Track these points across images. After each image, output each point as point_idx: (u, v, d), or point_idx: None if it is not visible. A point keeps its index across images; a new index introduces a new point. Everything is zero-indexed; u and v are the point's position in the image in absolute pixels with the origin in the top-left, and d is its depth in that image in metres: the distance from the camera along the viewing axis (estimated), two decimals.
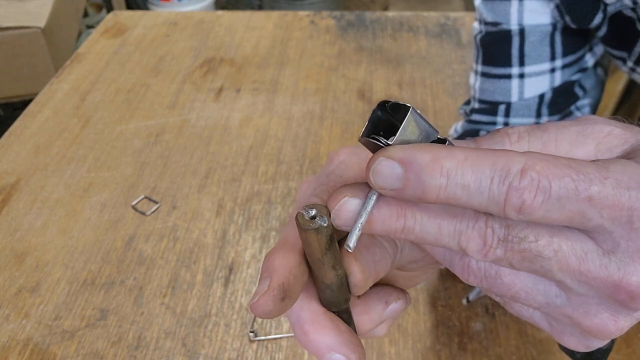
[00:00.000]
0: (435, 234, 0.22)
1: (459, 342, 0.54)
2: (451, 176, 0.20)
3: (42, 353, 0.54)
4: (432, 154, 0.21)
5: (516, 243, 0.21)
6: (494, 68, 0.52)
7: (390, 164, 0.21)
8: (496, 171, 0.20)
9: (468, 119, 0.56)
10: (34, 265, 0.63)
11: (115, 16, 1.14)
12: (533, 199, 0.20)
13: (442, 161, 0.20)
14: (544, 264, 0.21)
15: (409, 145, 0.22)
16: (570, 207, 0.20)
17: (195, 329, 0.56)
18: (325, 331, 0.25)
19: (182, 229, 0.67)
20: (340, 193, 0.23)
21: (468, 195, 0.20)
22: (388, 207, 0.23)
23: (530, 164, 0.20)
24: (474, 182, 0.20)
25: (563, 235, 0.21)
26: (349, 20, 1.10)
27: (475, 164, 0.20)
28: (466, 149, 0.21)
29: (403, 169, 0.21)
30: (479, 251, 0.22)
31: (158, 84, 0.93)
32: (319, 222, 0.23)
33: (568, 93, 0.51)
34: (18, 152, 0.79)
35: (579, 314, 0.22)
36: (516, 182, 0.20)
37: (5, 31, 1.33)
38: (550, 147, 0.23)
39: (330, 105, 0.87)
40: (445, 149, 0.21)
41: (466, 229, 0.22)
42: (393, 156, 0.21)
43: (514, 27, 0.49)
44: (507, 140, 0.24)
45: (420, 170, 0.21)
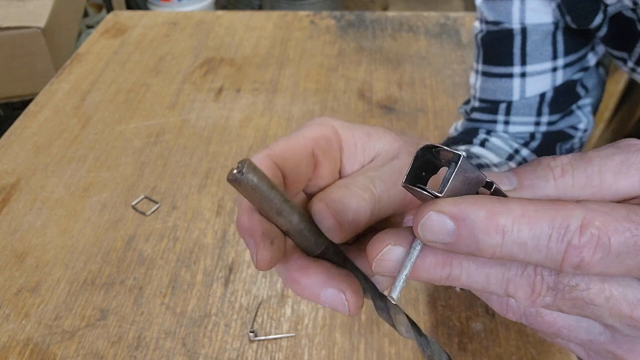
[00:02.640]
0: (482, 282, 0.22)
1: (459, 342, 0.54)
2: (507, 234, 0.20)
3: (42, 353, 0.54)
4: (487, 209, 0.20)
5: (567, 292, 0.20)
6: (495, 67, 0.52)
7: (441, 219, 0.20)
8: (555, 228, 0.19)
9: (468, 118, 0.56)
10: (34, 265, 0.63)
11: (115, 16, 1.14)
12: (592, 257, 0.19)
13: (498, 218, 0.20)
14: (595, 310, 0.21)
15: (461, 199, 0.21)
16: (629, 262, 0.19)
17: (195, 329, 0.56)
18: (311, 271, 0.25)
19: (182, 229, 0.67)
20: (383, 241, 0.22)
21: (525, 253, 0.20)
22: (434, 257, 0.22)
23: (589, 219, 0.19)
24: (531, 240, 0.19)
25: (614, 282, 0.20)
26: (349, 20, 1.10)
27: (532, 221, 0.19)
28: (522, 202, 0.20)
29: (455, 225, 0.20)
30: (527, 298, 0.21)
31: (158, 84, 0.93)
32: (236, 174, 0.22)
33: (570, 92, 0.51)
34: (18, 152, 0.79)
35: (623, 351, 0.22)
36: (576, 240, 0.19)
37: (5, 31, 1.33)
38: (595, 180, 0.22)
39: (330, 105, 0.87)
40: (500, 204, 0.20)
41: (514, 277, 0.21)
42: (444, 211, 0.20)
43: (515, 26, 0.49)
44: (550, 175, 0.23)
45: (474, 228, 0.20)
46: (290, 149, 0.27)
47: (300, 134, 0.29)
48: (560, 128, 0.52)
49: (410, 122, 0.83)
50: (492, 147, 0.51)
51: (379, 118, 0.84)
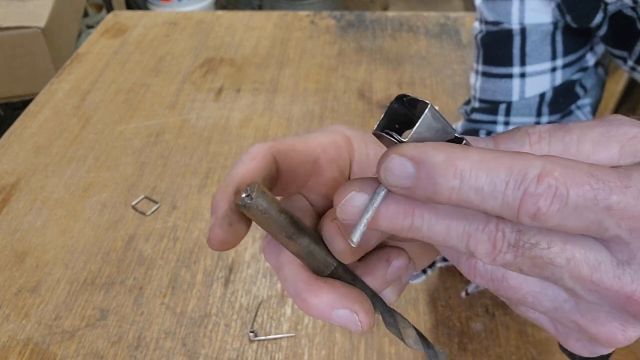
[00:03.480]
0: (443, 234, 0.22)
1: (459, 342, 0.54)
2: (465, 178, 0.20)
3: (42, 353, 0.54)
4: (446, 153, 0.20)
5: (527, 249, 0.20)
6: (495, 67, 0.52)
7: (402, 162, 0.21)
8: (512, 175, 0.19)
9: (468, 118, 0.56)
10: (34, 265, 0.63)
11: (115, 16, 1.14)
12: (549, 207, 0.19)
13: (457, 162, 0.20)
14: (555, 271, 0.21)
15: (423, 144, 0.21)
16: (587, 216, 0.19)
17: (195, 329, 0.56)
18: (321, 292, 0.25)
19: (182, 229, 0.67)
20: (348, 187, 0.23)
21: (481, 199, 0.20)
22: (396, 204, 0.22)
23: (548, 169, 0.19)
24: (488, 186, 0.19)
25: (577, 243, 0.20)
26: (349, 20, 1.10)
27: (490, 167, 0.20)
28: (483, 150, 0.20)
29: (415, 168, 0.20)
30: (487, 255, 0.21)
31: (158, 84, 0.93)
32: (245, 199, 0.22)
33: (569, 92, 0.51)
34: (18, 152, 0.79)
35: (587, 321, 0.22)
36: (532, 188, 0.19)
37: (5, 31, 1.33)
38: (572, 149, 0.22)
39: (330, 105, 0.87)
40: (461, 149, 0.20)
41: (475, 232, 0.21)
42: (406, 154, 0.21)
43: (515, 27, 0.49)
44: (527, 140, 0.23)
45: (433, 170, 0.20)
46: (294, 148, 0.27)
47: (311, 137, 0.28)
48: None
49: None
50: None
51: (378, 118, 0.84)
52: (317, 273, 0.26)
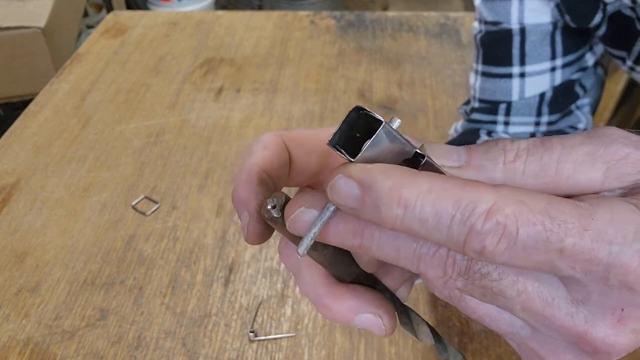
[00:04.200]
0: (393, 255, 0.21)
1: (459, 342, 0.54)
2: (409, 208, 0.19)
3: (42, 353, 0.54)
4: (393, 180, 0.19)
5: (477, 279, 0.20)
6: (494, 67, 0.52)
7: (348, 183, 0.20)
8: (459, 209, 0.18)
9: (468, 118, 0.56)
10: (34, 265, 0.63)
11: (115, 16, 1.14)
12: (495, 245, 0.18)
13: (402, 190, 0.19)
14: (506, 302, 0.20)
15: (372, 166, 0.20)
16: (537, 257, 0.18)
17: (195, 329, 0.56)
18: (344, 298, 0.25)
19: (182, 229, 0.67)
20: (297, 202, 0.22)
21: (426, 231, 0.19)
22: (344, 223, 0.21)
23: (499, 205, 0.18)
24: (432, 218, 0.19)
25: (530, 276, 0.19)
26: (349, 20, 1.10)
27: (437, 198, 0.19)
28: (433, 178, 0.19)
29: (361, 191, 0.20)
30: (438, 279, 0.21)
31: (158, 84, 0.93)
32: (272, 213, 0.23)
33: (568, 92, 0.51)
34: (18, 152, 0.79)
35: (544, 351, 0.21)
36: (479, 225, 0.18)
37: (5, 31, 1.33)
38: (550, 170, 0.21)
39: (330, 105, 0.87)
40: (410, 176, 0.19)
41: (426, 256, 0.20)
42: (352, 175, 0.20)
43: (514, 27, 0.49)
44: (501, 158, 0.21)
45: (377, 197, 0.19)
46: (305, 136, 0.27)
47: (322, 129, 0.28)
48: (560, 128, 0.52)
49: (410, 122, 0.83)
50: None
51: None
52: (339, 280, 0.26)
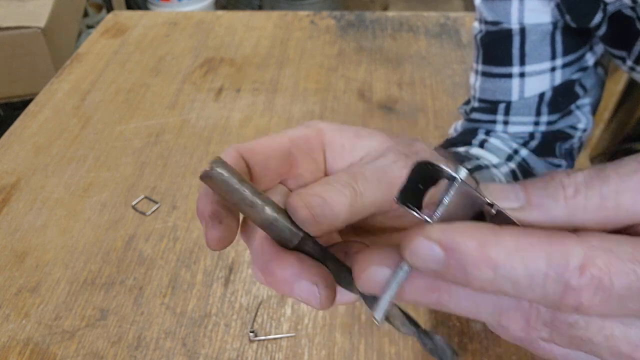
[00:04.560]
0: (472, 310, 0.21)
1: (459, 342, 0.54)
2: (499, 269, 0.18)
3: (42, 353, 0.54)
4: (477, 240, 0.19)
5: (564, 329, 0.19)
6: (494, 67, 0.52)
7: (429, 247, 0.19)
8: (551, 266, 0.18)
9: (468, 118, 0.56)
10: (34, 265, 0.63)
11: (115, 16, 1.14)
12: (592, 299, 0.18)
13: (490, 250, 0.18)
14: (593, 347, 0.19)
15: (452, 227, 0.19)
16: (631, 305, 0.18)
17: (195, 329, 0.56)
18: (286, 263, 0.25)
19: (182, 229, 0.67)
20: (369, 260, 0.21)
21: (518, 290, 0.18)
22: (422, 281, 0.21)
23: (590, 258, 0.18)
24: (524, 278, 0.18)
25: (616, 320, 0.19)
26: (348, 21, 1.10)
27: (527, 256, 0.18)
28: (517, 234, 0.19)
29: (444, 254, 0.19)
30: (521, 330, 0.20)
31: (158, 84, 0.93)
32: (208, 171, 0.23)
33: (568, 92, 0.51)
34: (18, 152, 0.79)
35: None
36: (574, 281, 0.18)
37: (5, 31, 1.33)
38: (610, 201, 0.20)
39: (330, 105, 0.87)
40: (493, 234, 0.19)
41: (508, 309, 0.20)
42: (434, 238, 0.19)
43: (514, 27, 0.49)
44: (561, 194, 0.21)
45: (463, 259, 0.19)
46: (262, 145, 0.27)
47: (280, 133, 0.29)
48: (560, 128, 0.52)
49: (410, 122, 0.83)
50: (491, 147, 0.51)
51: (379, 118, 0.84)
52: (285, 245, 0.26)
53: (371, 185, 0.27)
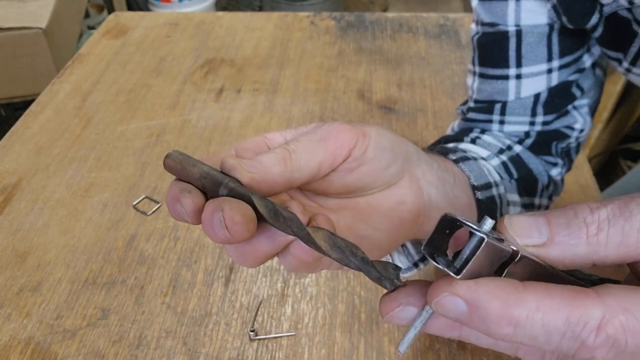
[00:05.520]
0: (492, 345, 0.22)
1: (459, 342, 0.55)
2: (519, 326, 0.20)
3: (43, 352, 0.55)
4: (501, 301, 0.20)
5: None
6: (491, 69, 0.52)
7: (454, 301, 0.21)
8: (569, 327, 0.19)
9: (464, 117, 0.56)
10: (35, 265, 0.63)
11: (117, 17, 1.14)
12: (605, 356, 0.19)
13: (512, 311, 0.20)
14: None
15: (477, 284, 0.21)
16: None
17: (196, 328, 0.57)
18: (208, 205, 0.26)
19: (182, 229, 0.67)
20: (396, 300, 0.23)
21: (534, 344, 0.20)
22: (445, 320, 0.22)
23: (607, 319, 0.19)
24: (542, 335, 0.19)
25: None
26: (348, 21, 1.11)
27: (547, 317, 0.19)
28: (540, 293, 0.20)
29: (468, 309, 0.20)
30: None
31: (159, 84, 0.94)
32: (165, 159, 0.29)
33: (565, 93, 0.51)
34: (19, 152, 0.79)
35: None
36: (590, 341, 0.19)
37: (6, 32, 1.33)
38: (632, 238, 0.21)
39: (330, 106, 0.87)
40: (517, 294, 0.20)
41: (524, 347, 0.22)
42: (459, 294, 0.21)
43: (511, 28, 0.49)
44: (584, 232, 0.22)
45: (487, 317, 0.20)
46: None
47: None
48: (556, 128, 0.52)
49: (410, 123, 0.83)
50: (483, 143, 0.51)
51: (378, 118, 0.85)
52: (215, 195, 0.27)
53: (303, 143, 0.29)
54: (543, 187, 0.51)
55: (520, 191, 0.48)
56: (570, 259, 0.22)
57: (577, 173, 0.74)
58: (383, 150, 0.31)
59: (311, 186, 0.31)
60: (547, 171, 0.52)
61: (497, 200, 0.44)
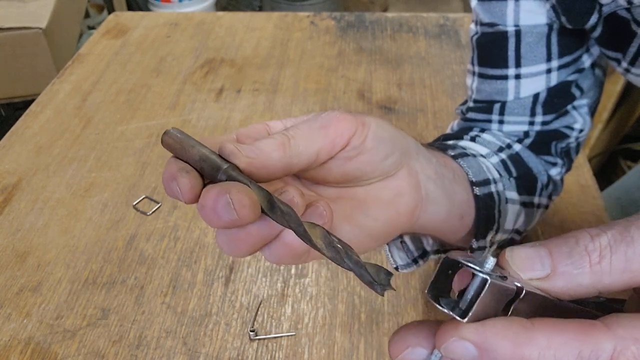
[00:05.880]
0: None
1: None
2: None
3: (43, 352, 0.55)
4: (511, 341, 0.20)
5: None
6: (490, 69, 0.52)
7: (463, 345, 0.20)
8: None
9: (464, 117, 0.56)
10: (35, 265, 0.63)
11: (117, 17, 1.14)
12: None
13: (523, 350, 0.19)
14: None
15: (485, 326, 0.20)
16: None
17: (196, 328, 0.57)
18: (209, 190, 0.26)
19: (182, 229, 0.67)
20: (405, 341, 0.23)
21: None
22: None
23: (619, 351, 0.19)
24: None
25: None
26: (348, 21, 1.11)
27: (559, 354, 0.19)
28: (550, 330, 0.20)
29: (478, 353, 0.20)
30: None
31: (159, 84, 0.94)
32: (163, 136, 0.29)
33: (564, 93, 0.51)
34: (20, 152, 0.80)
35: None
36: None
37: (6, 32, 1.33)
38: (635, 264, 0.21)
39: (330, 106, 0.87)
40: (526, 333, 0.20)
41: None
42: (467, 338, 0.20)
43: (510, 29, 0.49)
44: (586, 261, 0.22)
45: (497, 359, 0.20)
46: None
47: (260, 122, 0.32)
48: (555, 128, 0.52)
49: (410, 123, 0.83)
50: (482, 141, 0.51)
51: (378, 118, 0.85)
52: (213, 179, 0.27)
53: (302, 130, 0.29)
54: (542, 186, 0.51)
55: (519, 189, 0.48)
56: (574, 290, 0.22)
57: (577, 173, 0.74)
58: (381, 140, 0.31)
59: (309, 174, 0.31)
60: (546, 170, 0.52)
61: (496, 197, 0.44)
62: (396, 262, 0.43)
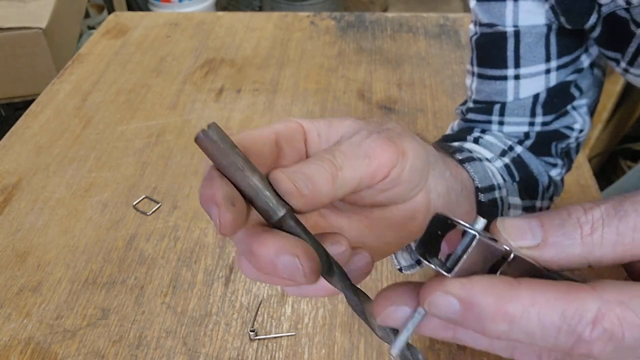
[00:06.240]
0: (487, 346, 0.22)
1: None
2: (515, 322, 0.19)
3: (43, 352, 0.55)
4: (495, 297, 0.20)
5: None
6: (489, 69, 0.52)
7: (448, 300, 0.20)
8: (565, 320, 0.19)
9: (464, 118, 0.56)
10: (35, 265, 0.63)
11: (117, 17, 1.14)
12: (602, 349, 0.19)
13: (507, 306, 0.19)
14: None
15: (470, 282, 0.20)
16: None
17: (196, 328, 0.57)
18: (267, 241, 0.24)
19: (183, 229, 0.67)
20: (389, 299, 0.23)
21: (531, 340, 0.20)
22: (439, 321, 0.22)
23: (603, 312, 0.19)
24: (539, 330, 0.19)
25: None
26: (348, 21, 1.11)
27: (542, 311, 0.19)
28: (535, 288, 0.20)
29: (462, 307, 0.20)
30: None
31: (159, 84, 0.94)
32: (202, 133, 0.24)
33: (563, 93, 0.51)
34: (19, 152, 0.80)
35: None
36: (587, 334, 0.19)
37: (6, 32, 1.33)
38: (627, 238, 0.21)
39: (330, 106, 0.87)
40: (511, 289, 0.20)
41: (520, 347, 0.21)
42: (452, 292, 0.20)
43: (509, 29, 0.49)
44: (578, 232, 0.21)
45: (481, 314, 0.20)
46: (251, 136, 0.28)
47: (266, 126, 0.29)
48: (555, 128, 0.53)
49: (410, 123, 0.83)
50: (485, 143, 0.51)
51: (378, 118, 0.85)
52: (267, 219, 0.25)
53: (348, 159, 0.28)
54: (544, 189, 0.51)
55: (522, 193, 0.48)
56: (565, 260, 0.22)
57: (577, 173, 0.74)
58: (415, 171, 0.31)
59: None
60: (547, 172, 0.52)
61: (499, 202, 0.44)
62: (400, 263, 0.43)
